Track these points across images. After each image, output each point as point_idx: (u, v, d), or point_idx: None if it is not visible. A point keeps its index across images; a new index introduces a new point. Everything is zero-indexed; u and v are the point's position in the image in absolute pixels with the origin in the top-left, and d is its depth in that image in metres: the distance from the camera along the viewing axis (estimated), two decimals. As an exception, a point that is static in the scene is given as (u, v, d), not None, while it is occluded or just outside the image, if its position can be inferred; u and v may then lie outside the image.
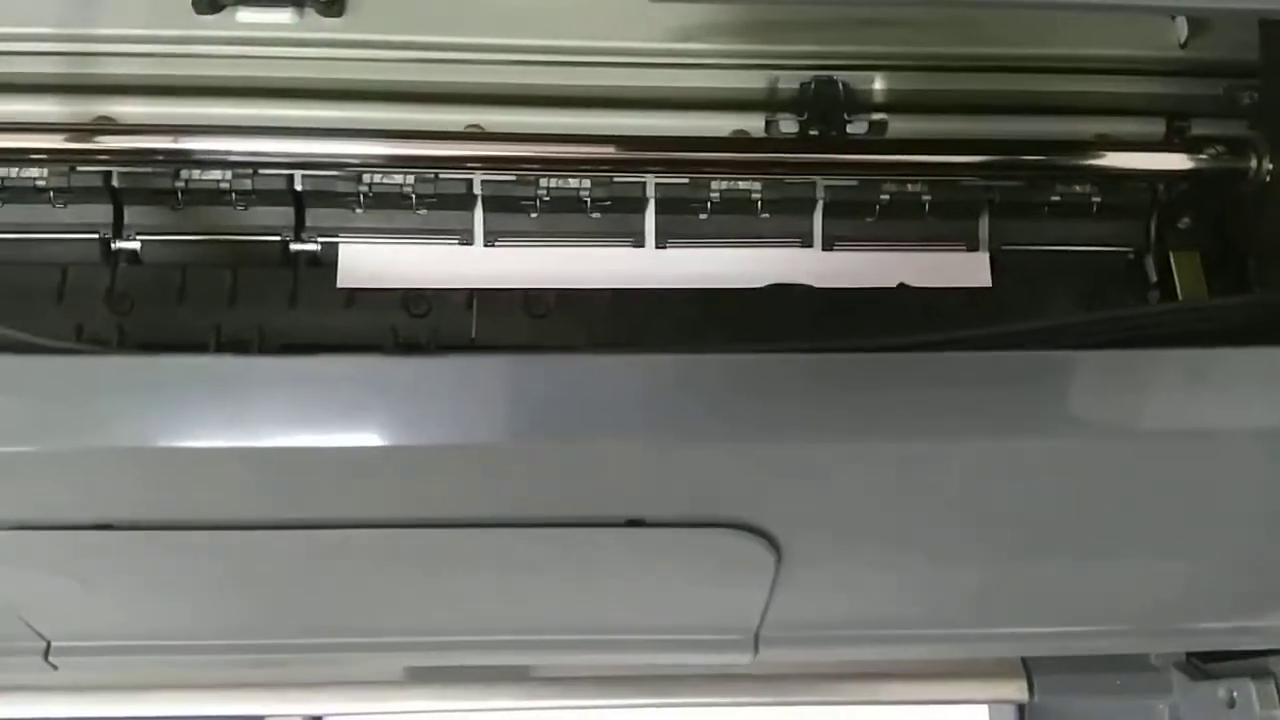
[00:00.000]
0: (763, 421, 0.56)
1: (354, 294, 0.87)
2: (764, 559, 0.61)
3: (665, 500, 0.59)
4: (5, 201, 0.86)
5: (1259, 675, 0.80)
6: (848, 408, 0.56)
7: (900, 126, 0.90)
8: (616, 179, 0.89)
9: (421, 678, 0.85)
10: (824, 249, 0.92)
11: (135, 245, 0.88)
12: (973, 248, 0.92)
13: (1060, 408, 0.57)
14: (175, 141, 0.86)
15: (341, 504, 0.58)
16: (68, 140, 0.85)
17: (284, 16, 0.87)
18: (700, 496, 0.59)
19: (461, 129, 0.88)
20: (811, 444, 0.56)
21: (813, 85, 0.90)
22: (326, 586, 0.66)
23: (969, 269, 0.92)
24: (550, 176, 0.89)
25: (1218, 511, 0.65)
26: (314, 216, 0.88)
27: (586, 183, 0.89)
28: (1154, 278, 0.92)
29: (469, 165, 0.88)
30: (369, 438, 0.55)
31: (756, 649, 0.71)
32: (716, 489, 0.59)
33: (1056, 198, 0.91)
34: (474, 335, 0.84)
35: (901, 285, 0.84)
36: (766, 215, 0.91)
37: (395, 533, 0.59)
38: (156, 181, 0.87)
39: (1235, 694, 0.82)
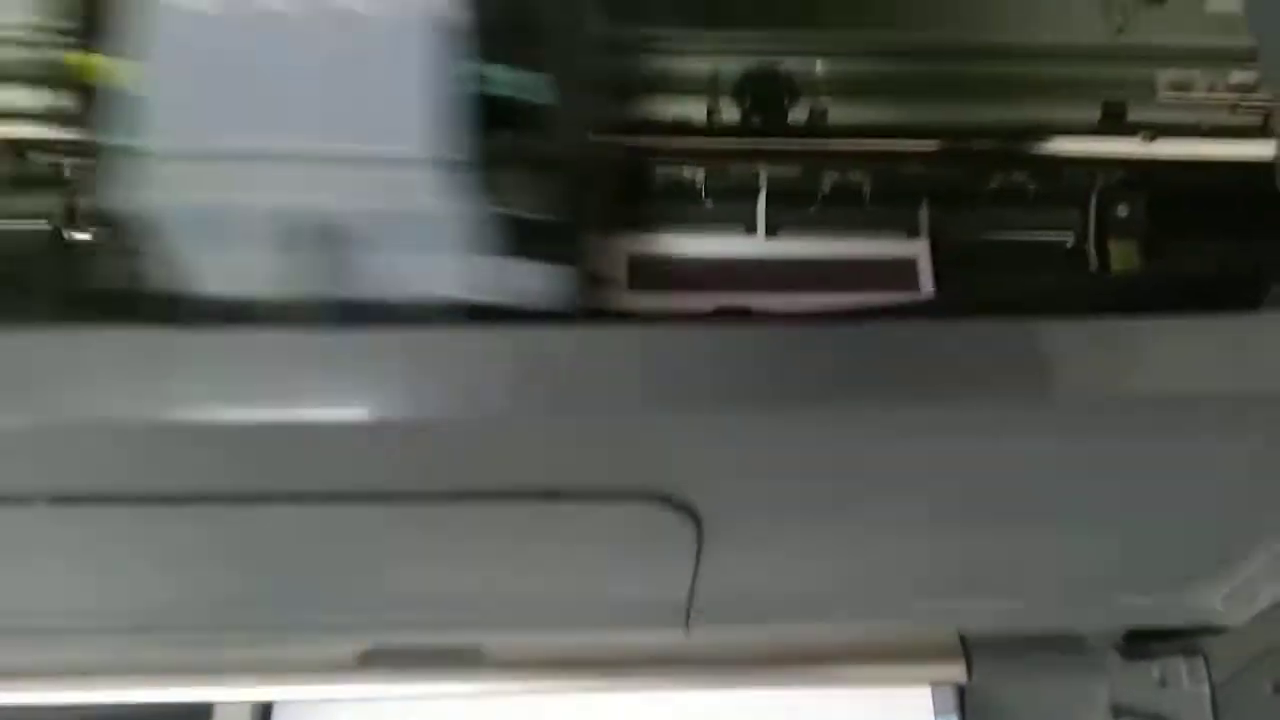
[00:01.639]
0: (675, 393, 0.56)
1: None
2: (685, 532, 0.62)
3: (583, 473, 0.59)
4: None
5: (1189, 653, 0.81)
6: (761, 379, 0.57)
7: (841, 113, 0.92)
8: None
9: (372, 662, 0.85)
10: (767, 236, 0.93)
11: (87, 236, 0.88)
12: (913, 235, 0.93)
13: (985, 378, 0.58)
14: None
15: (267, 480, 0.59)
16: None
17: None
18: (618, 469, 0.60)
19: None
20: (724, 415, 0.57)
21: (755, 72, 0.91)
22: (262, 567, 0.66)
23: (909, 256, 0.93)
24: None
25: (1146, 485, 0.66)
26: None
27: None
28: (1094, 265, 0.94)
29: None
30: (294, 413, 0.55)
31: (688, 625, 0.71)
32: (633, 462, 0.59)
33: (995, 185, 0.92)
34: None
35: None
36: (709, 202, 0.92)
37: (315, 509, 0.59)
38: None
39: (1167, 672, 0.83)
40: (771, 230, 0.94)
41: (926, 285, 0.93)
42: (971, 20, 0.90)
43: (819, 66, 0.91)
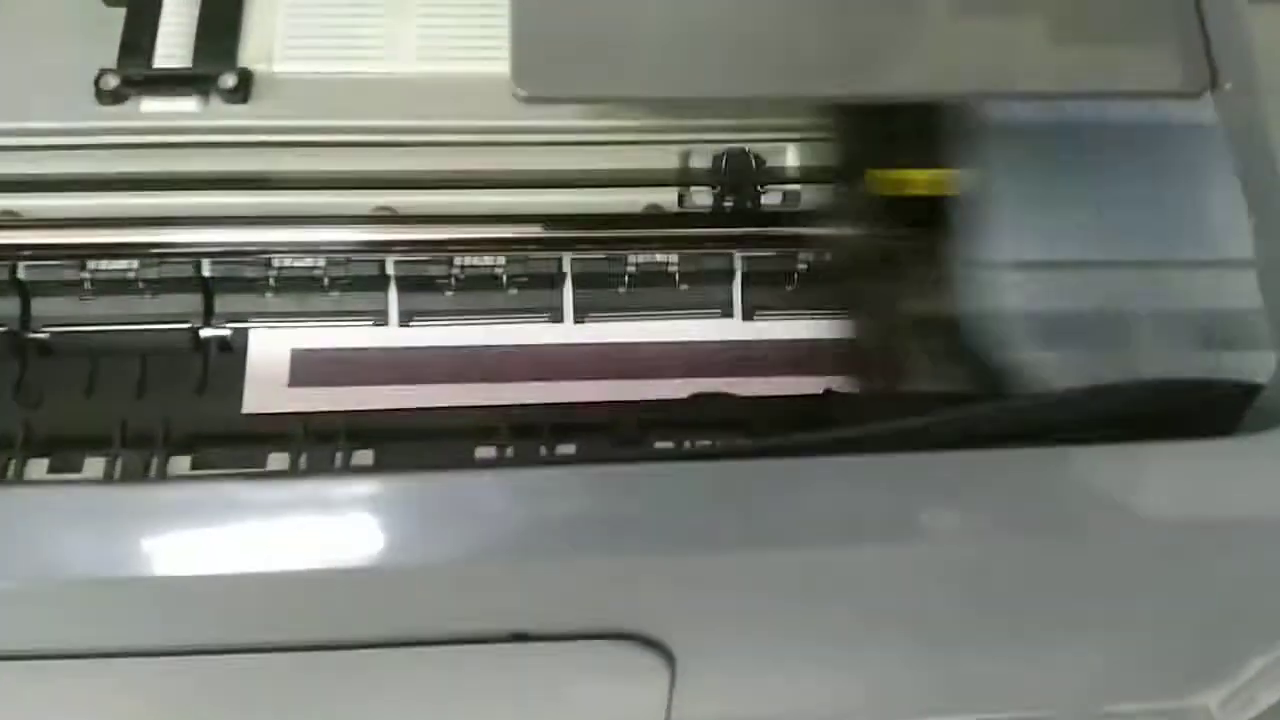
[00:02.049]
0: (644, 532, 0.55)
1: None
2: (657, 669, 0.60)
3: (548, 614, 0.58)
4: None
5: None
6: (729, 517, 0.55)
7: (814, 197, 0.90)
8: (532, 256, 0.89)
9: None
10: (744, 319, 0.92)
11: (45, 337, 0.87)
12: (893, 314, 0.92)
13: (957, 508, 0.57)
14: (82, 234, 0.86)
15: (211, 630, 0.57)
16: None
17: (189, 105, 0.86)
18: (585, 609, 0.58)
19: (370, 211, 0.88)
20: (697, 555, 0.55)
21: (725, 158, 0.90)
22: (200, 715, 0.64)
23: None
24: (465, 256, 0.89)
25: (1136, 602, 0.64)
26: (223, 302, 0.88)
27: (502, 260, 0.89)
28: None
29: (387, 249, 0.87)
30: (232, 564, 0.54)
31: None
32: (601, 601, 0.58)
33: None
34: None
35: (828, 390, 0.83)
36: (685, 287, 0.91)
37: (265, 657, 0.57)
38: (64, 273, 0.86)
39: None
40: (748, 313, 0.92)
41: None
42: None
43: (789, 153, 0.91)
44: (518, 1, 0.64)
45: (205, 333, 0.87)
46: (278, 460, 0.81)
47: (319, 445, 0.80)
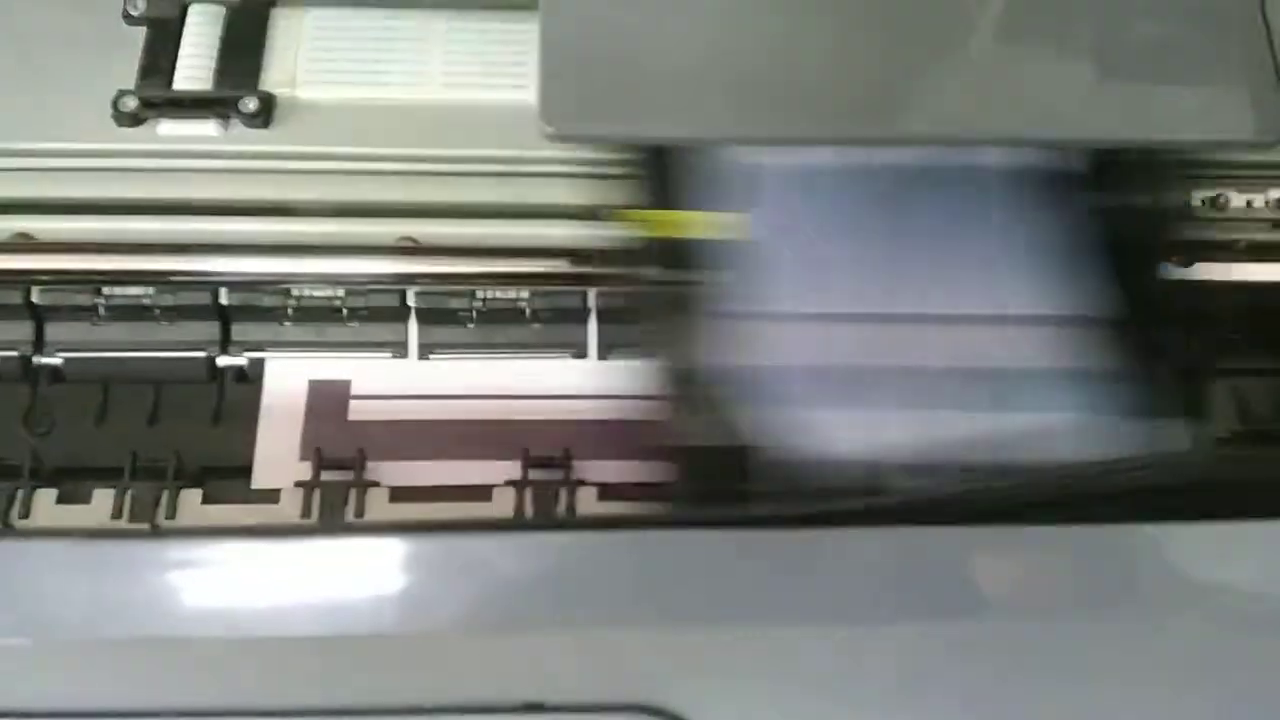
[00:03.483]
0: (666, 602, 0.52)
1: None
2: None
3: (566, 685, 0.55)
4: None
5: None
6: (755, 588, 0.52)
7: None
8: (556, 290, 0.86)
9: None
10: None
11: (57, 362, 0.85)
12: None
13: (1004, 584, 0.53)
14: (97, 259, 0.84)
15: (215, 694, 0.55)
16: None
17: (208, 129, 0.84)
18: (603, 680, 0.55)
19: (394, 241, 0.85)
20: (722, 627, 0.53)
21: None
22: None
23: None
24: (488, 288, 0.86)
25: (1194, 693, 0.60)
26: (240, 330, 0.85)
27: (525, 293, 0.86)
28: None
29: (409, 280, 0.85)
30: (244, 627, 0.52)
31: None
32: (620, 672, 0.55)
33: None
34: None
35: None
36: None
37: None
38: (77, 298, 0.84)
39: None
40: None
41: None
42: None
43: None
44: (546, 35, 0.61)
45: (222, 361, 0.85)
46: (290, 497, 0.79)
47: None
